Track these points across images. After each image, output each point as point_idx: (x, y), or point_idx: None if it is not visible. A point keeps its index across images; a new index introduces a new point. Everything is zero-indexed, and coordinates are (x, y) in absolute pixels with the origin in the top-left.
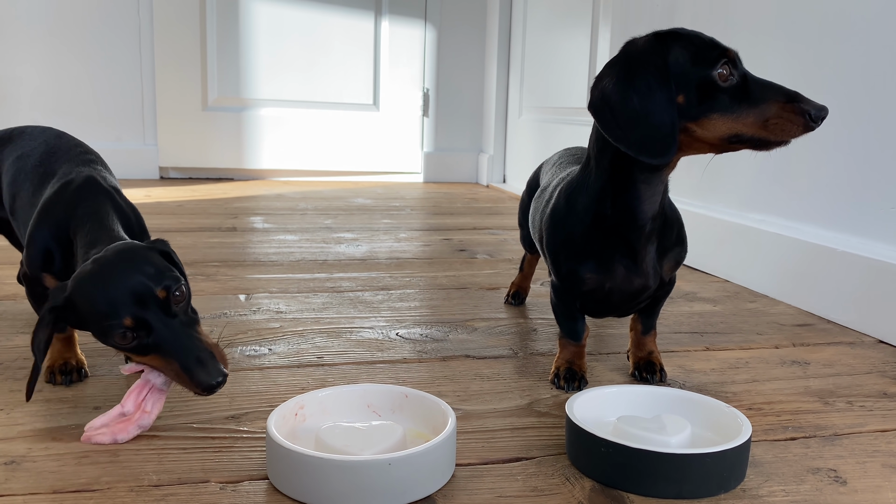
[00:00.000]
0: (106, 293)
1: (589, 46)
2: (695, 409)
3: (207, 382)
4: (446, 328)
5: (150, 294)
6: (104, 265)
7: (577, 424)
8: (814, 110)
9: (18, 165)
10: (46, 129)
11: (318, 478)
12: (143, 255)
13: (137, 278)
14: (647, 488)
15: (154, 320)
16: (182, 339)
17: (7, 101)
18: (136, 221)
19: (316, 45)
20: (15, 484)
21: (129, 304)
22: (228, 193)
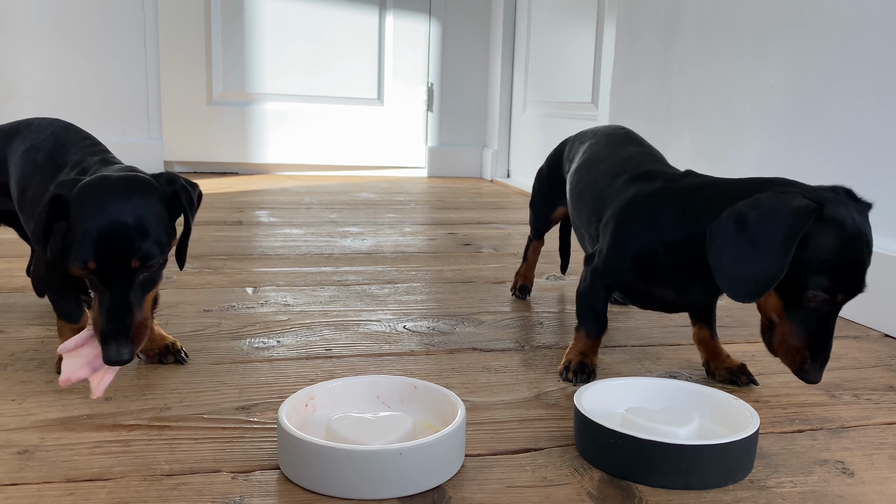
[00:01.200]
0: (91, 225)
1: (594, 42)
2: (703, 401)
3: (109, 358)
4: (453, 321)
5: (126, 256)
6: (109, 193)
7: (585, 416)
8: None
9: (28, 158)
10: (54, 121)
11: (330, 467)
12: (150, 201)
13: (126, 232)
14: (656, 479)
15: (113, 277)
16: (121, 307)
17: (12, 95)
18: None
19: (321, 39)
20: (29, 473)
21: (102, 253)
22: (233, 187)
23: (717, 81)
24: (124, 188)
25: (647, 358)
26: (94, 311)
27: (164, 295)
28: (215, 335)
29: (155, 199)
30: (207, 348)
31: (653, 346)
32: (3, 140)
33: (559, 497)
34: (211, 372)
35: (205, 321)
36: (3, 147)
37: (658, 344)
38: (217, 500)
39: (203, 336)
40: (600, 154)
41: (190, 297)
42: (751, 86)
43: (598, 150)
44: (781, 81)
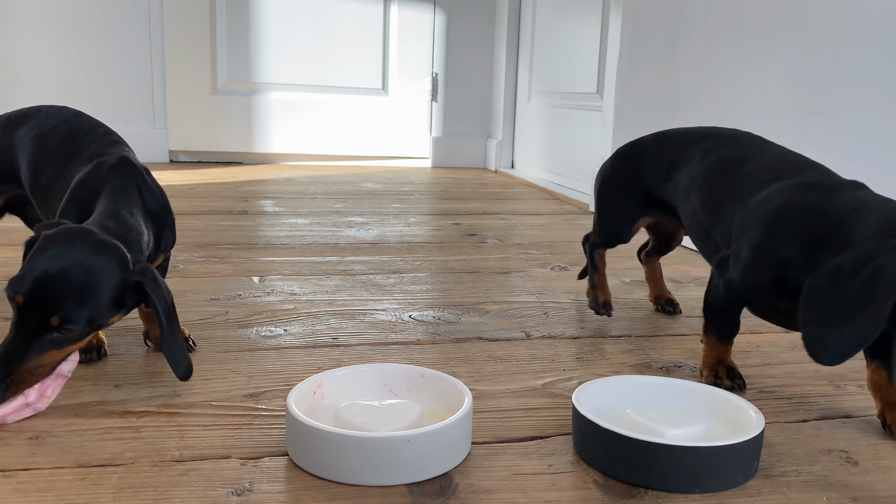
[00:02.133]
0: (42, 264)
1: (599, 31)
2: (706, 401)
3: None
4: (458, 311)
5: (49, 310)
6: (76, 243)
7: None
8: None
9: (38, 144)
10: (63, 109)
11: (339, 453)
12: (105, 273)
13: (65, 287)
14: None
15: (26, 322)
16: (12, 350)
17: (18, 84)
18: (162, 204)
19: (326, 29)
20: (40, 458)
21: (33, 293)
22: (238, 177)
23: (723, 72)
24: (94, 249)
25: (652, 348)
26: None
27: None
28: (223, 323)
29: (115, 277)
30: (215, 336)
31: (657, 336)
32: (10, 127)
33: (565, 484)
34: (219, 360)
35: (212, 310)
36: (10, 134)
37: (662, 334)
38: (227, 485)
39: (210, 324)
40: (738, 156)
41: (196, 285)
42: (756, 77)
43: (731, 153)
44: (787, 72)
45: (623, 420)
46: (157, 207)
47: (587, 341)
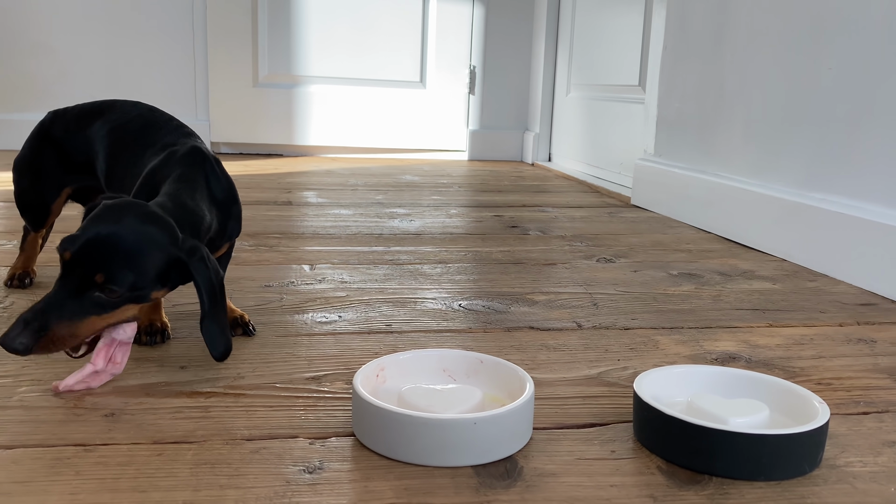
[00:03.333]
0: (94, 226)
1: (642, 23)
2: (769, 391)
3: (0, 337)
4: (507, 301)
5: (94, 267)
6: (130, 213)
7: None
8: None
9: (115, 137)
10: (137, 104)
11: (407, 434)
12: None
13: (112, 249)
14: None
15: (70, 278)
16: (51, 306)
17: (65, 77)
18: (229, 193)
19: (365, 22)
20: (117, 434)
21: (81, 251)
22: (280, 169)
23: (771, 63)
24: (145, 220)
25: (705, 339)
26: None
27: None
28: (278, 309)
29: (163, 249)
30: (272, 322)
31: (709, 328)
32: (84, 120)
33: (629, 469)
34: (279, 344)
35: (267, 296)
36: (84, 126)
37: (715, 326)
38: (298, 463)
39: (267, 310)
40: None
41: (250, 273)
42: (808, 68)
43: None
44: (841, 63)
45: (685, 408)
46: (223, 196)
47: (639, 332)
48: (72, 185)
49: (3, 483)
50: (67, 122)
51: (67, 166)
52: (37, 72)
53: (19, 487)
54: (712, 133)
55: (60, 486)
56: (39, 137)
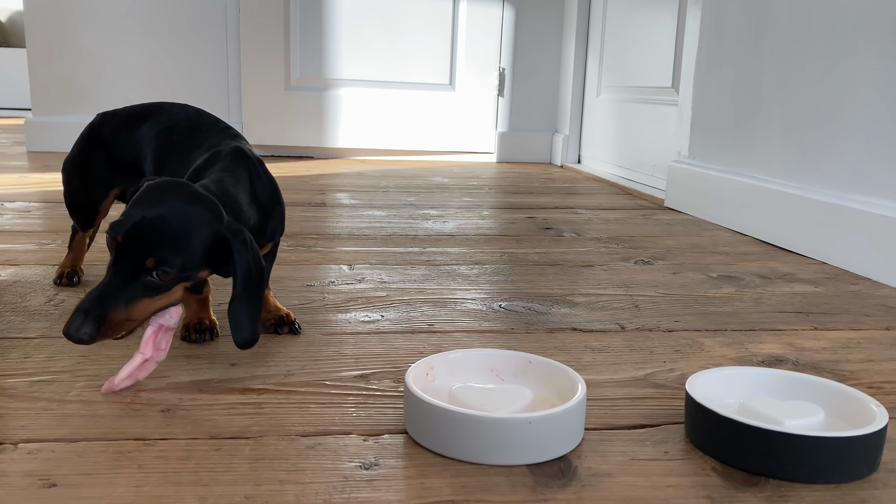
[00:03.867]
0: (139, 209)
1: (676, 25)
2: (823, 393)
3: (66, 329)
4: (548, 302)
5: (145, 250)
6: (174, 193)
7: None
8: None
9: (164, 139)
10: (185, 106)
11: (462, 432)
12: (199, 223)
13: (161, 230)
14: (778, 471)
15: (122, 263)
16: (107, 292)
17: (102, 79)
18: (272, 193)
19: (395, 25)
20: (175, 429)
21: (131, 235)
22: (311, 171)
23: (812, 64)
24: (191, 199)
25: (750, 342)
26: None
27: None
28: (321, 308)
29: (209, 227)
30: (317, 320)
31: (753, 330)
32: (133, 122)
33: (684, 470)
34: (325, 342)
35: (310, 295)
36: (133, 129)
37: (758, 328)
38: (354, 460)
39: (310, 309)
40: None
41: (291, 272)
42: (850, 69)
43: None
44: (885, 63)
45: (737, 409)
46: (266, 196)
47: (683, 334)
48: (120, 185)
49: (69, 475)
50: (116, 124)
51: (115, 167)
52: (76, 75)
53: (86, 479)
54: (749, 135)
55: (125, 479)
56: (88, 139)
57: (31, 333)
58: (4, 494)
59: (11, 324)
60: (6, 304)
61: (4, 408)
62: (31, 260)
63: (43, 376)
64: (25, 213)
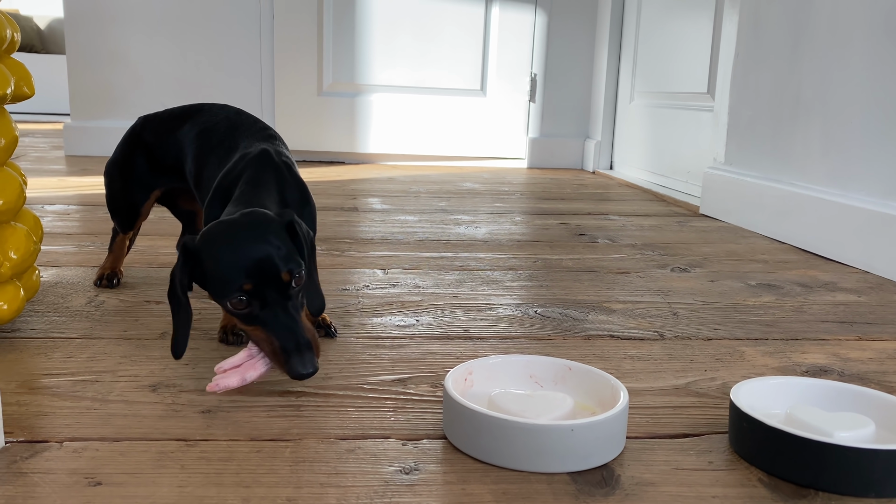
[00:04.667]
0: (234, 256)
1: (712, 29)
2: (871, 405)
3: (299, 371)
4: (584, 309)
5: (275, 272)
6: (237, 228)
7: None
8: None
9: (203, 140)
10: (225, 107)
11: (503, 438)
12: (275, 229)
13: (267, 251)
14: (828, 484)
15: (271, 296)
16: (290, 322)
17: (139, 83)
18: (301, 196)
19: (427, 31)
20: (216, 430)
21: (254, 274)
22: (343, 176)
23: (854, 68)
24: (247, 222)
25: (793, 351)
26: (252, 331)
27: None
28: (357, 312)
29: (277, 225)
30: (353, 324)
31: (795, 339)
32: (174, 123)
33: (730, 481)
34: (362, 346)
35: (345, 299)
36: (174, 130)
37: (801, 338)
38: (393, 464)
39: (346, 313)
40: None
41: (325, 276)
42: (893, 74)
43: None
44: None
45: (785, 420)
46: (293, 198)
47: (723, 343)
48: (161, 187)
49: (113, 473)
50: (157, 126)
51: (157, 169)
52: (113, 80)
53: (130, 479)
54: (787, 141)
55: (168, 479)
56: (131, 142)
57: (74, 334)
58: (52, 491)
59: (54, 324)
60: (48, 305)
61: (49, 406)
62: (72, 262)
63: (86, 376)
64: (65, 216)
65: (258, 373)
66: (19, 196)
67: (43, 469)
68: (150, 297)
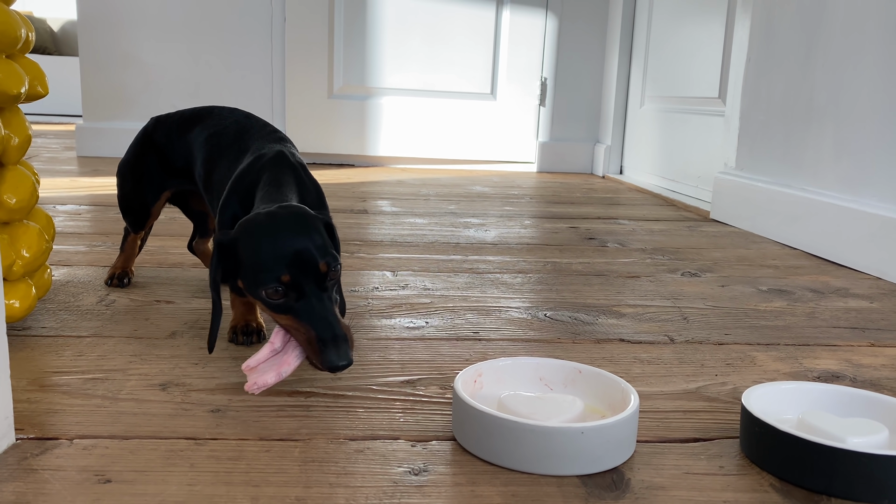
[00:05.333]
0: (273, 246)
1: (723, 34)
2: (885, 411)
3: (334, 363)
4: (594, 312)
5: (314, 263)
6: (277, 220)
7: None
8: None
9: (213, 143)
10: (234, 110)
11: (513, 441)
12: (313, 223)
13: (305, 243)
14: (843, 490)
15: (308, 287)
16: (326, 313)
17: (151, 86)
18: (317, 197)
19: (438, 35)
20: (225, 429)
21: (292, 264)
22: (352, 178)
23: (867, 74)
24: (287, 214)
25: (804, 357)
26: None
27: None
28: (367, 313)
29: (316, 220)
30: (363, 325)
31: (807, 345)
32: (184, 126)
33: (741, 486)
34: (371, 347)
35: (355, 301)
36: (184, 132)
37: (812, 343)
38: (403, 465)
39: (356, 314)
40: None
41: None
42: None
43: None
44: None
45: (797, 425)
46: (311, 200)
47: (734, 348)
48: (172, 188)
49: (123, 471)
50: (169, 127)
51: (168, 170)
52: (126, 82)
53: (140, 476)
54: (799, 145)
55: (178, 477)
56: (143, 143)
57: (84, 332)
58: (62, 488)
59: (65, 322)
60: (60, 303)
61: (60, 404)
62: (83, 261)
63: (96, 374)
64: (76, 216)
65: (292, 367)
66: (32, 195)
67: (53, 466)
68: (160, 296)
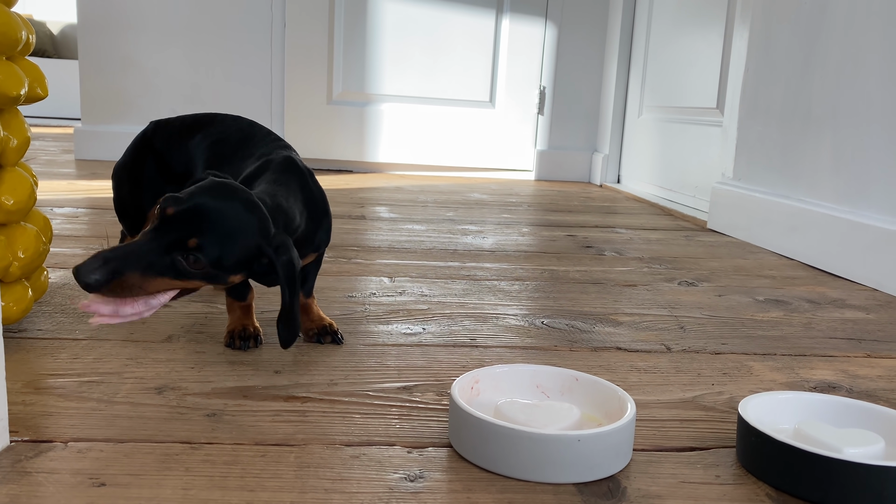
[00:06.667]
0: (202, 194)
1: (721, 45)
2: (881, 422)
3: (77, 266)
4: (591, 320)
5: (191, 231)
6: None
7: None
8: None
9: (216, 150)
10: (238, 118)
11: (509, 448)
12: (249, 230)
13: (215, 220)
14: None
15: (161, 236)
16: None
17: (149, 90)
18: (321, 205)
19: (438, 42)
20: (221, 434)
21: (185, 212)
22: (351, 184)
23: (866, 86)
24: (249, 206)
25: (801, 367)
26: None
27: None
28: (363, 319)
29: (255, 238)
30: (359, 331)
31: (803, 355)
32: (185, 132)
33: (737, 496)
34: (368, 353)
35: (351, 306)
36: (185, 139)
37: (809, 354)
38: (398, 471)
39: (353, 320)
40: None
41: (333, 283)
42: None
43: None
44: None
45: (793, 435)
46: (315, 207)
47: (731, 357)
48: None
49: (118, 475)
50: (169, 133)
51: (167, 176)
52: (125, 86)
53: (134, 480)
54: (797, 156)
55: (172, 481)
56: (141, 146)
57: (80, 335)
58: (56, 491)
59: (61, 325)
60: (56, 306)
61: (55, 407)
62: None
63: (91, 377)
64: (73, 219)
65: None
66: (30, 196)
67: (47, 469)
68: None
